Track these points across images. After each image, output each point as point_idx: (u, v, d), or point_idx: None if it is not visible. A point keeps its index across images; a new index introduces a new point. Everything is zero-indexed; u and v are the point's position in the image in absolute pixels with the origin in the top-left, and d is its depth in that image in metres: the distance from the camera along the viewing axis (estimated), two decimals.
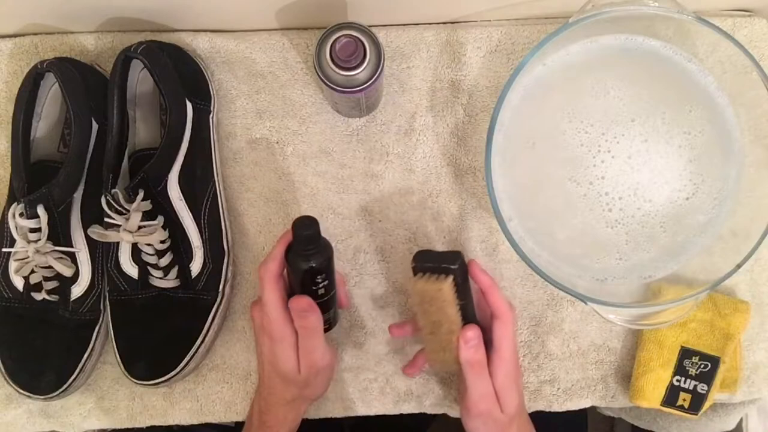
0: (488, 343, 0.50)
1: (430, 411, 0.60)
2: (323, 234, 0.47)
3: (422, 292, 0.48)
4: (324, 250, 0.48)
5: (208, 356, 0.59)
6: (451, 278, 0.47)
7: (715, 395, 0.59)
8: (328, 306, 0.51)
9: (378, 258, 0.60)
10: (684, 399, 0.58)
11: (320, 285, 0.48)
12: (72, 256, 0.54)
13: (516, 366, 0.52)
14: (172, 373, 0.54)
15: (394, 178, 0.60)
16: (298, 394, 0.51)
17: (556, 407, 0.60)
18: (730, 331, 0.58)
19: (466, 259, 0.51)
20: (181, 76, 0.55)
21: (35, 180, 0.53)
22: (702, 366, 0.58)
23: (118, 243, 0.54)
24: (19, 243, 0.52)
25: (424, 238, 0.60)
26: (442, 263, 0.48)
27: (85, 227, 0.54)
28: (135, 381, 0.54)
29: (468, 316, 0.50)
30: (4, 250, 0.54)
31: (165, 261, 0.54)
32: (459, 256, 0.49)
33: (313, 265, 0.47)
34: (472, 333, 0.48)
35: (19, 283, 0.54)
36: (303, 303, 0.47)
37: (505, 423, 0.51)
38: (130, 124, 0.56)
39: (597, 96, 0.52)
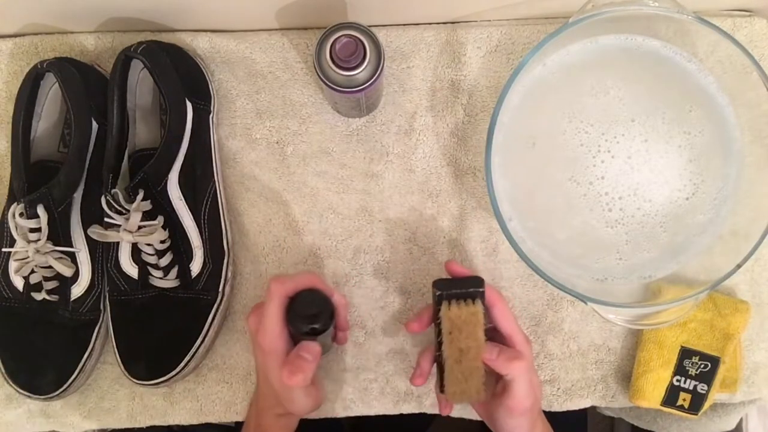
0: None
1: (430, 411, 0.60)
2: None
3: (455, 318, 0.47)
4: (327, 315, 0.49)
5: (208, 356, 0.59)
6: (481, 301, 0.47)
7: (715, 395, 0.59)
8: (324, 346, 0.52)
9: (378, 258, 0.60)
10: (684, 399, 0.58)
11: (318, 341, 0.50)
12: (72, 256, 0.54)
13: (531, 354, 0.51)
14: (172, 373, 0.54)
15: (394, 178, 0.60)
16: (285, 411, 0.51)
17: (556, 407, 0.60)
18: (730, 331, 0.58)
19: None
20: (181, 76, 0.55)
21: (35, 180, 0.53)
22: (702, 366, 0.58)
23: (118, 243, 0.54)
24: (19, 243, 0.52)
25: (424, 238, 0.60)
26: (469, 288, 0.48)
27: (85, 227, 0.54)
28: (135, 381, 0.54)
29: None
30: (4, 250, 0.54)
31: (165, 261, 0.54)
32: (480, 279, 0.49)
33: (315, 327, 0.49)
34: (491, 350, 0.48)
35: (19, 283, 0.54)
36: (305, 353, 0.47)
37: (535, 415, 0.51)
38: (130, 124, 0.56)
39: (597, 96, 0.52)
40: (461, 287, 0.48)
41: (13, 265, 0.53)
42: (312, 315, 0.48)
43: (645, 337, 0.59)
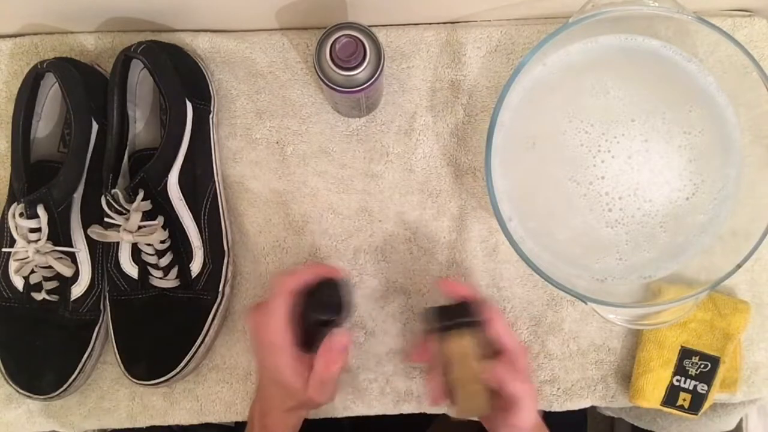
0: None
1: (430, 411, 0.60)
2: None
3: (453, 353, 0.47)
4: (347, 306, 0.49)
5: (208, 356, 0.59)
6: (470, 330, 0.47)
7: (715, 395, 0.59)
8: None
9: (378, 258, 0.60)
10: (684, 399, 0.58)
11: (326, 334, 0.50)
12: (72, 256, 0.54)
13: (527, 355, 0.51)
14: (172, 373, 0.54)
15: (394, 178, 0.60)
16: (295, 406, 0.51)
17: (556, 407, 0.60)
18: (730, 331, 0.58)
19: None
20: (181, 76, 0.55)
21: (35, 180, 0.53)
22: (702, 366, 0.58)
23: (118, 243, 0.54)
24: (19, 243, 0.52)
25: (424, 238, 0.60)
26: (459, 318, 0.48)
27: (85, 227, 0.54)
28: (135, 381, 0.54)
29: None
30: (4, 250, 0.54)
31: (165, 261, 0.54)
32: (468, 305, 0.49)
33: (334, 318, 0.48)
34: (501, 372, 0.47)
35: (19, 283, 0.54)
36: (341, 342, 0.48)
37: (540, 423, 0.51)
38: (130, 124, 0.56)
39: (597, 96, 0.52)
40: (450, 318, 0.48)
41: (13, 265, 0.53)
42: (336, 304, 0.48)
43: (645, 337, 0.59)
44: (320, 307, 0.48)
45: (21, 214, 0.52)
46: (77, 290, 0.55)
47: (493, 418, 0.50)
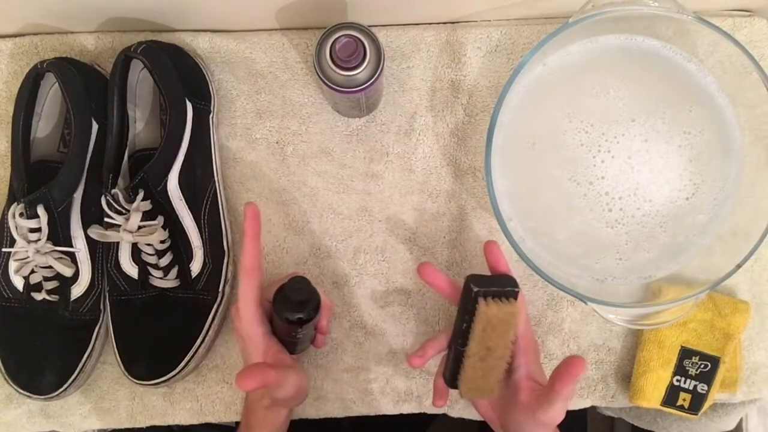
0: None
1: (430, 411, 0.60)
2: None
3: (492, 317, 0.46)
4: (313, 305, 0.48)
5: (208, 356, 0.59)
6: (518, 302, 0.46)
7: (715, 395, 0.59)
8: (303, 341, 0.52)
9: (378, 258, 0.60)
10: (684, 399, 0.58)
11: (299, 333, 0.49)
12: (72, 256, 0.54)
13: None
14: (172, 373, 0.54)
15: (394, 178, 0.60)
16: (271, 403, 0.50)
17: None
18: (730, 331, 0.58)
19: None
20: (181, 76, 0.55)
21: (35, 180, 0.53)
22: (702, 366, 0.58)
23: (118, 243, 0.54)
24: (19, 243, 0.52)
25: (424, 238, 0.60)
26: (506, 287, 0.47)
27: (85, 227, 0.54)
28: (135, 381, 0.54)
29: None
30: (4, 250, 0.54)
31: (165, 261, 0.54)
32: (514, 280, 0.48)
33: (301, 317, 0.47)
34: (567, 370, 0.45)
35: (19, 283, 0.54)
36: (253, 383, 0.44)
37: None
38: (130, 124, 0.56)
39: (597, 96, 0.52)
40: (498, 285, 0.47)
41: (13, 265, 0.53)
42: (300, 302, 0.47)
43: (645, 337, 0.59)
44: (284, 304, 0.47)
45: (21, 214, 0.52)
46: (77, 290, 0.55)
47: (514, 413, 0.48)
